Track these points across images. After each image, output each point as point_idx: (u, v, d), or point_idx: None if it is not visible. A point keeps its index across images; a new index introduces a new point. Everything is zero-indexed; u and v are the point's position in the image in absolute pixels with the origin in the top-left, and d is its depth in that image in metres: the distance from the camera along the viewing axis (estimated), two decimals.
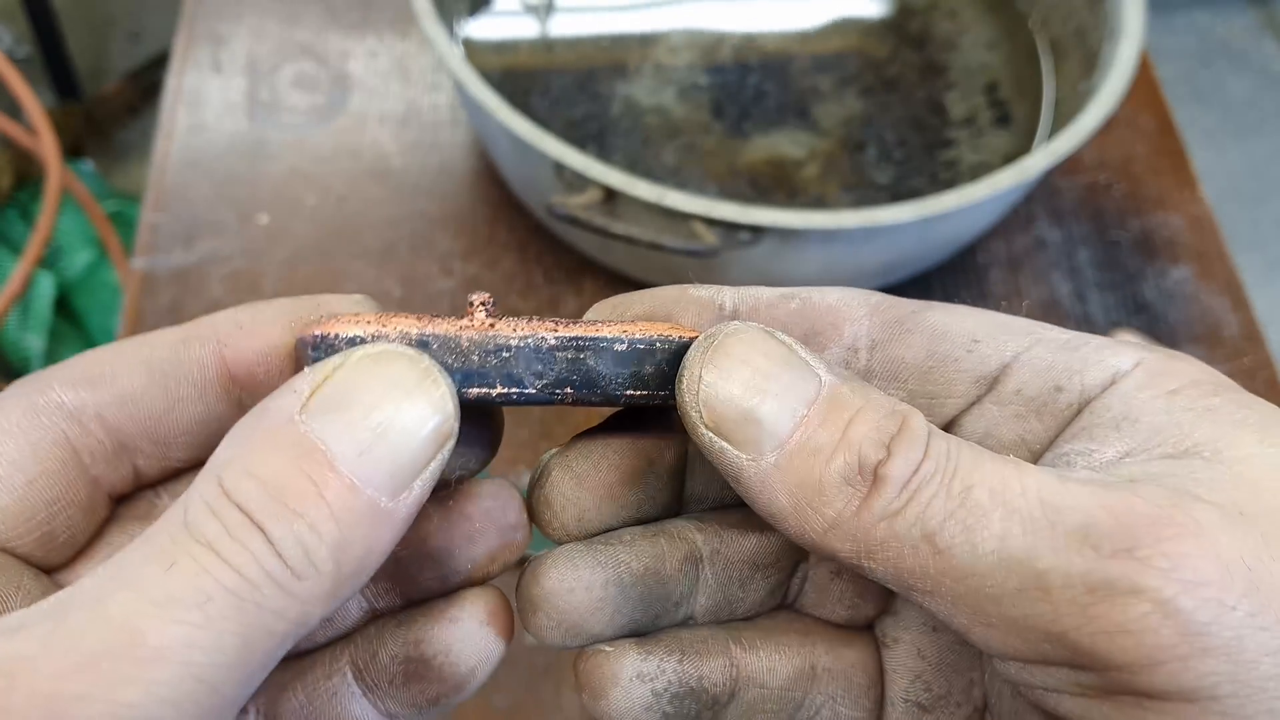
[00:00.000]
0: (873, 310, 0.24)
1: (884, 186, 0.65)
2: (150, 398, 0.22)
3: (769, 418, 0.20)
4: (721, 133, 0.66)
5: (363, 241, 0.66)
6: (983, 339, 0.23)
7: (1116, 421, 0.21)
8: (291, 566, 0.18)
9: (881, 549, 0.20)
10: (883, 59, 0.71)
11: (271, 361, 0.23)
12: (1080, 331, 0.23)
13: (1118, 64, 0.59)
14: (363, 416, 0.18)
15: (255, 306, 0.23)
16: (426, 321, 0.21)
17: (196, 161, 0.68)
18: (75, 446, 0.22)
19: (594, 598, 0.23)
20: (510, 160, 0.62)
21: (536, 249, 0.65)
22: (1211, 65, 1.79)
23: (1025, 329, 0.23)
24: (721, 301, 0.24)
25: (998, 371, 0.23)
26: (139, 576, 0.17)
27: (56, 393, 0.21)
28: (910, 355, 0.23)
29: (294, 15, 0.75)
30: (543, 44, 0.70)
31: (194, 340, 0.23)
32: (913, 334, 0.23)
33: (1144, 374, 0.22)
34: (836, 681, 0.25)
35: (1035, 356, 0.23)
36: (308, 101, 0.71)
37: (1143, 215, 0.69)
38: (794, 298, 0.24)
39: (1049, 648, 0.19)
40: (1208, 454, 0.20)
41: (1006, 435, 0.23)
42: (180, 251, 0.65)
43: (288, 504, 0.18)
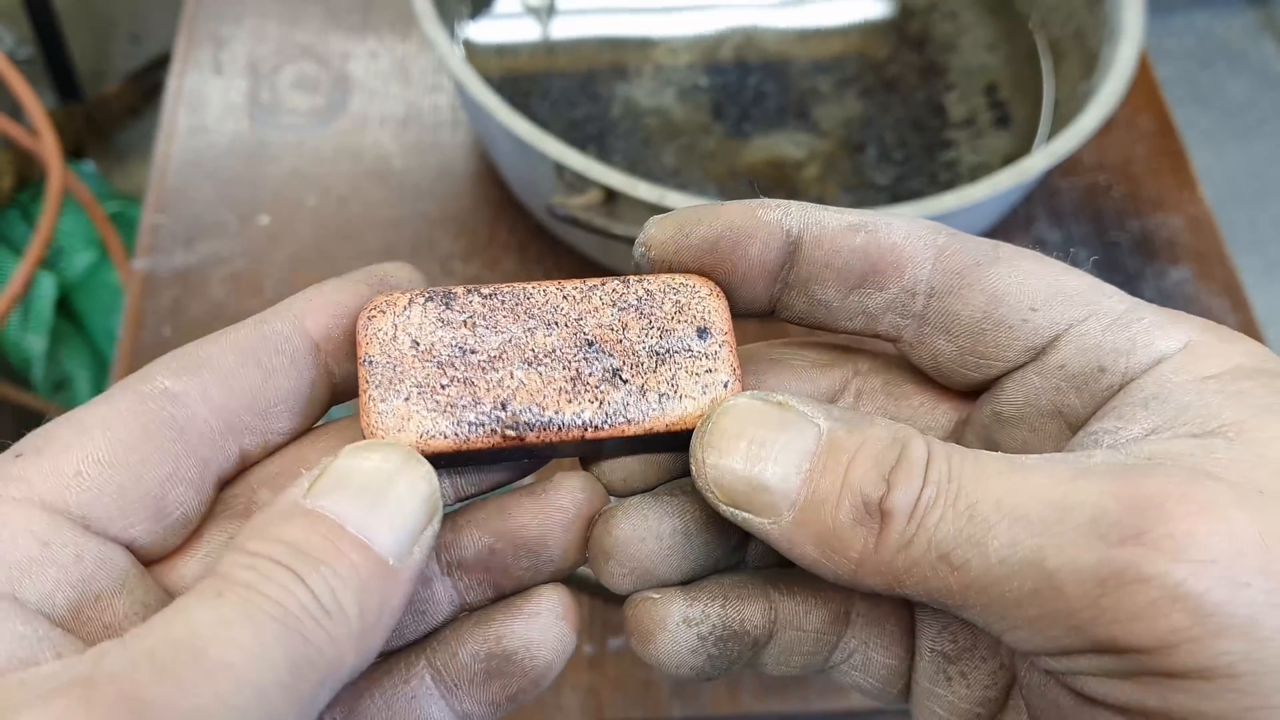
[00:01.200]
0: (938, 254, 0.24)
1: (884, 187, 0.65)
2: (246, 373, 0.23)
3: (775, 481, 0.22)
4: (722, 134, 0.66)
5: (364, 242, 0.66)
6: (1040, 307, 0.23)
7: (1146, 401, 0.22)
8: (322, 604, 0.19)
9: (907, 576, 0.21)
10: (883, 60, 0.71)
11: (347, 321, 0.24)
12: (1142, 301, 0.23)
13: (1117, 65, 0.59)
14: (359, 489, 0.20)
15: (321, 284, 0.25)
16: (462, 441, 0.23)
17: (197, 163, 0.69)
18: (183, 427, 0.22)
19: (663, 546, 0.25)
20: (511, 161, 0.62)
21: (537, 250, 0.66)
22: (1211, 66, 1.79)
23: (1085, 298, 0.23)
24: (789, 226, 0.24)
25: (1048, 342, 0.23)
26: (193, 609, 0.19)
27: (160, 380, 0.23)
28: (966, 313, 0.24)
29: (295, 17, 0.76)
30: (543, 46, 0.70)
31: (273, 318, 0.24)
32: (972, 290, 0.23)
33: (1185, 357, 0.22)
34: (870, 627, 0.26)
35: (1085, 332, 0.23)
36: (308, 103, 0.72)
37: (1142, 216, 0.69)
38: (860, 230, 0.24)
39: (1070, 640, 0.19)
40: (1231, 434, 0.20)
41: (1044, 406, 0.23)
42: (181, 252, 0.65)
43: (311, 555, 0.19)
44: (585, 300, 0.24)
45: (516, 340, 0.24)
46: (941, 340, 0.24)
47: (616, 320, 0.24)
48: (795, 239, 0.24)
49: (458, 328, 0.24)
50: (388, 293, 0.24)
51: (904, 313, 0.24)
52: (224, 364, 0.23)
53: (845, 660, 0.26)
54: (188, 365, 0.23)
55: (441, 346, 0.24)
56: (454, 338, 0.24)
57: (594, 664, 0.52)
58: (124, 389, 0.22)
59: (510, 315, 0.24)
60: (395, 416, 0.23)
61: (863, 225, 0.24)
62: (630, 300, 0.25)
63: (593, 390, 0.24)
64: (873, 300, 0.24)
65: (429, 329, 0.24)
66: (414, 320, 0.24)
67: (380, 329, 0.24)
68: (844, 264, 0.24)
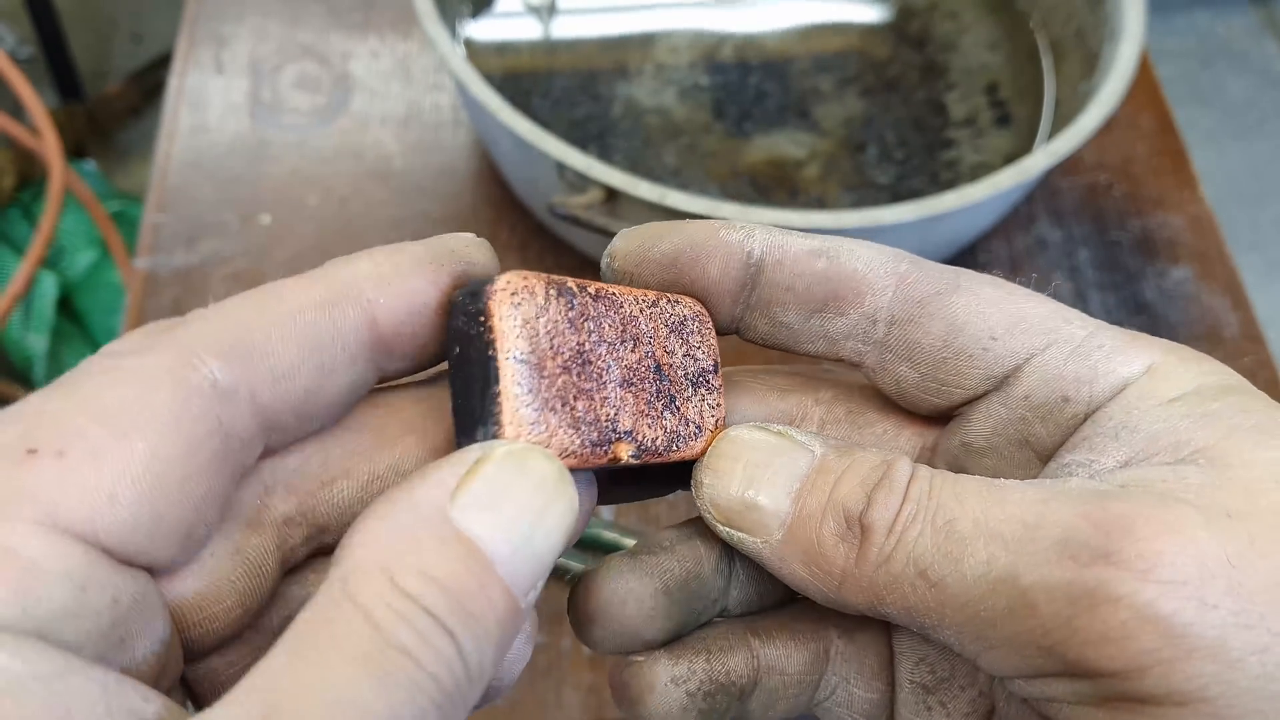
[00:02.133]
0: (899, 281, 0.24)
1: (885, 187, 0.65)
2: (304, 373, 0.20)
3: (768, 502, 0.23)
4: (722, 133, 0.66)
5: (365, 242, 0.66)
6: (1000, 336, 0.23)
7: (1116, 430, 0.22)
8: (471, 670, 0.18)
9: (888, 593, 0.21)
10: (883, 59, 0.71)
11: (420, 319, 0.21)
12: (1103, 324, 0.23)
13: (1118, 64, 0.59)
14: (513, 518, 0.18)
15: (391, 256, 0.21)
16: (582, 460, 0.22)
17: (199, 162, 0.69)
18: (227, 433, 0.19)
19: (646, 608, 0.25)
20: (512, 161, 0.62)
21: (538, 249, 0.66)
22: (1212, 66, 1.79)
23: (1045, 325, 0.23)
24: (750, 248, 0.24)
25: (1009, 372, 0.23)
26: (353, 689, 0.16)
27: (208, 368, 0.19)
28: (926, 341, 0.24)
29: (296, 16, 0.76)
30: (544, 45, 0.70)
31: (344, 303, 0.21)
32: (933, 319, 0.24)
33: (1150, 381, 0.22)
34: (849, 664, 0.26)
35: (1047, 362, 0.23)
36: (310, 102, 0.72)
37: (1143, 215, 0.69)
38: (822, 255, 0.24)
39: (1043, 662, 0.20)
40: (1203, 460, 0.21)
41: (1011, 435, 0.24)
42: (183, 252, 0.65)
43: (468, 609, 0.17)
44: (649, 318, 0.24)
45: (615, 354, 0.23)
46: (904, 367, 0.24)
47: (669, 342, 0.24)
48: (758, 261, 0.24)
49: (579, 332, 0.22)
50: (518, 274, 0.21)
51: (865, 339, 0.24)
52: (282, 359, 0.20)
53: (828, 698, 0.26)
54: (240, 350, 0.19)
55: (570, 351, 0.21)
56: (577, 343, 0.22)
57: (594, 663, 0.52)
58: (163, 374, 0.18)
59: (610, 325, 0.23)
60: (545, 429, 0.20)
61: (824, 251, 0.24)
62: (674, 322, 0.25)
63: (659, 416, 0.24)
64: (834, 325, 0.25)
65: (562, 330, 0.21)
66: (552, 318, 0.21)
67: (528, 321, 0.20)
68: (805, 288, 0.24)
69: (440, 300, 0.21)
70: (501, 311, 0.20)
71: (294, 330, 0.20)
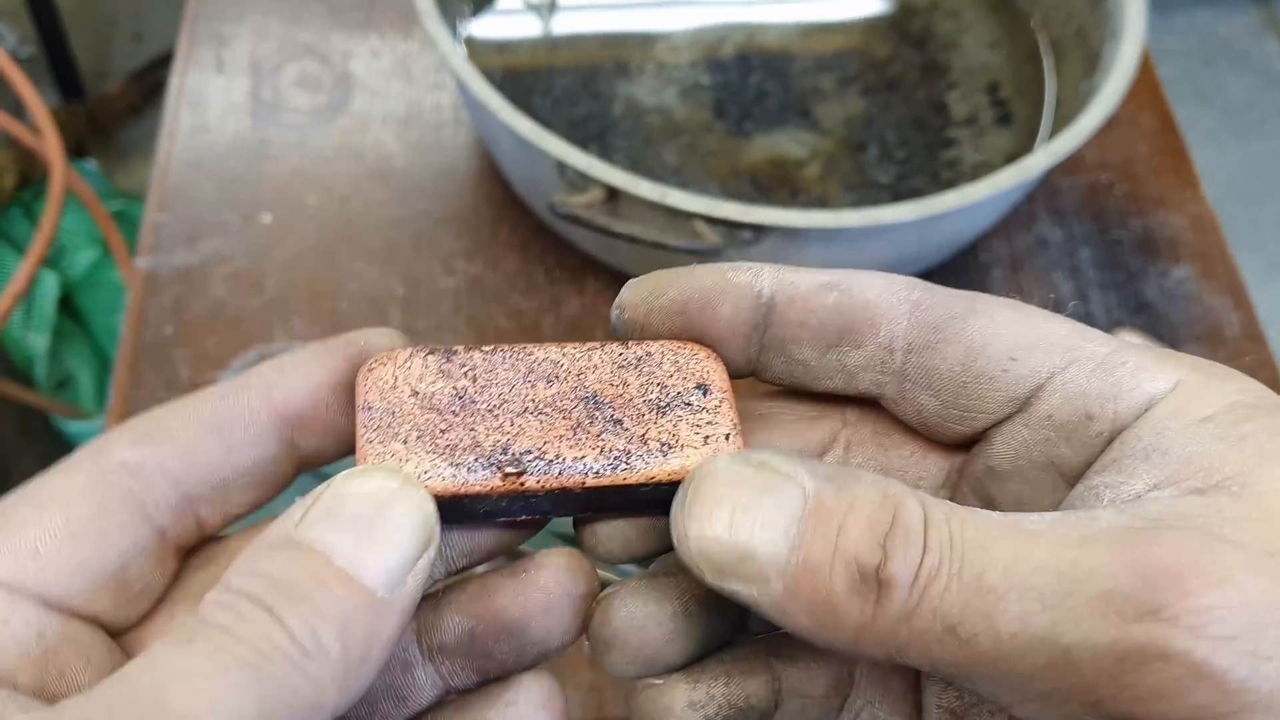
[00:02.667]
0: (913, 309, 0.24)
1: (885, 186, 0.65)
2: (207, 447, 0.23)
3: (762, 549, 0.20)
4: (723, 132, 0.66)
5: (365, 241, 0.66)
6: (1019, 357, 0.23)
7: (1146, 452, 0.21)
8: (300, 643, 0.18)
9: (910, 647, 0.20)
10: (884, 59, 0.71)
11: (317, 396, 0.24)
12: (1127, 343, 0.23)
13: (1119, 64, 0.59)
14: (350, 521, 0.20)
15: (294, 353, 0.25)
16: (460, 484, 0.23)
17: (199, 161, 0.69)
18: (141, 499, 0.22)
19: (664, 631, 0.24)
20: (513, 160, 0.62)
21: (539, 248, 0.66)
22: (1213, 65, 1.79)
23: (1065, 344, 0.23)
24: (760, 288, 0.24)
25: (1031, 392, 0.23)
26: (161, 658, 0.18)
27: (119, 452, 0.22)
28: (945, 367, 0.23)
29: (296, 15, 0.76)
30: (545, 43, 0.70)
31: (240, 390, 0.24)
32: (949, 344, 0.23)
33: (1179, 399, 0.21)
34: (874, 688, 0.25)
35: (1069, 380, 0.22)
36: (310, 101, 0.72)
37: (1144, 215, 0.69)
38: (833, 289, 0.24)
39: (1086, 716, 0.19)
40: (1236, 488, 0.20)
41: (1036, 458, 0.23)
42: (183, 251, 0.65)
43: (292, 591, 0.19)
44: (585, 358, 0.25)
45: (517, 391, 0.24)
46: (924, 396, 0.24)
47: (617, 376, 0.24)
48: (768, 300, 0.24)
49: (458, 379, 0.24)
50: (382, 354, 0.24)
51: (883, 369, 0.24)
52: (184, 436, 0.23)
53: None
54: (146, 436, 0.23)
55: (441, 395, 0.24)
56: (454, 388, 0.24)
57: (595, 662, 0.52)
58: (81, 462, 0.22)
59: (511, 369, 0.24)
60: (394, 459, 0.23)
61: (835, 284, 0.24)
62: (630, 360, 0.25)
63: (595, 438, 0.23)
64: (850, 358, 0.24)
65: (429, 379, 0.24)
66: (414, 371, 0.24)
67: (380, 378, 0.24)
68: (819, 323, 0.24)
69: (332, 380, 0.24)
70: (360, 377, 0.24)
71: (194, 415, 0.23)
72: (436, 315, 0.63)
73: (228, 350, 0.61)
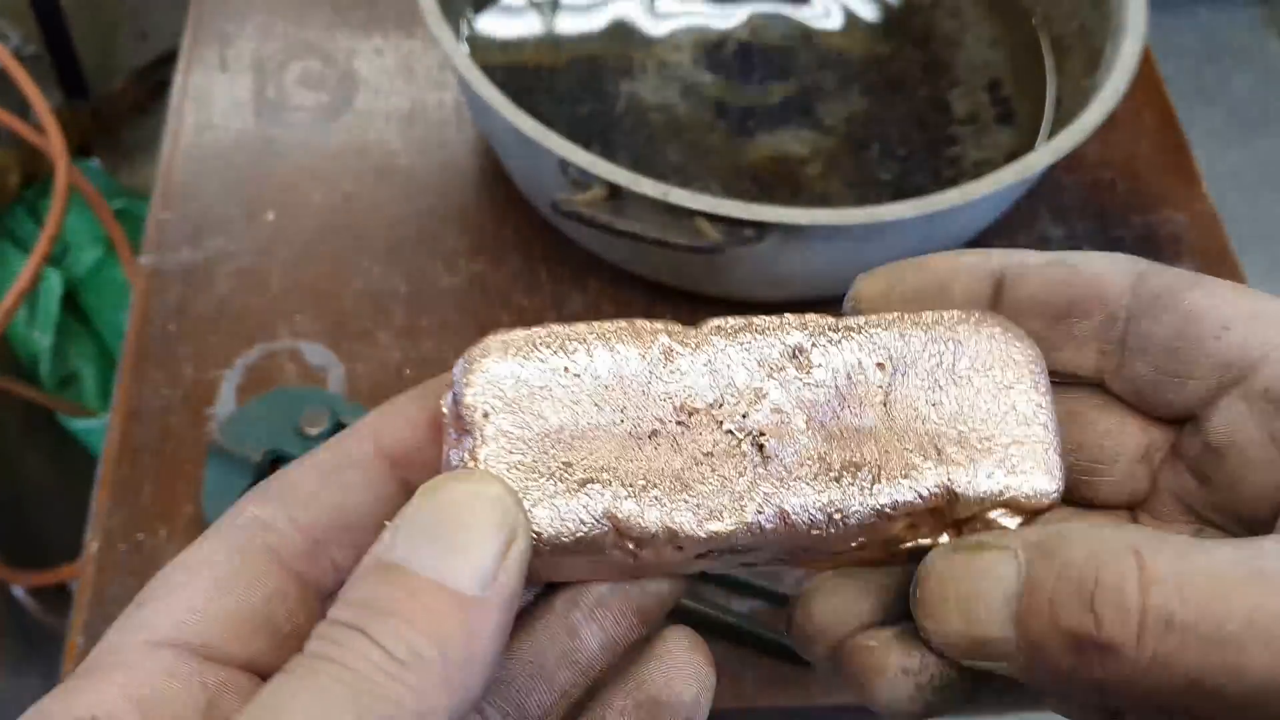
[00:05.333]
0: (1137, 280, 0.24)
1: (887, 184, 0.65)
2: (327, 493, 0.25)
3: (994, 633, 0.21)
4: (725, 131, 0.67)
5: (369, 239, 0.66)
6: (1233, 326, 0.23)
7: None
8: (394, 655, 0.19)
9: (1155, 699, 0.20)
10: (886, 57, 0.71)
11: (419, 433, 0.25)
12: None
13: (1120, 61, 0.59)
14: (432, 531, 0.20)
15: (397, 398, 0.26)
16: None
17: (203, 159, 0.69)
18: (275, 549, 0.24)
19: (864, 624, 0.25)
20: (515, 158, 0.62)
21: (542, 246, 0.66)
22: (1215, 62, 1.78)
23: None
24: (991, 268, 0.25)
25: (1244, 362, 0.23)
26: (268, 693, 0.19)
27: (250, 510, 0.24)
28: (1160, 332, 0.24)
29: (300, 14, 0.76)
30: (548, 41, 0.70)
31: (349, 437, 0.25)
32: (1167, 311, 0.24)
33: None
34: None
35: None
36: (314, 100, 0.72)
37: (1146, 213, 0.69)
38: (1061, 263, 0.25)
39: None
40: None
41: (1254, 433, 0.23)
42: (188, 249, 0.65)
43: (384, 611, 0.20)
44: None
45: None
46: (1139, 363, 0.24)
47: None
48: (998, 275, 0.25)
49: None
50: None
51: (1107, 339, 0.25)
52: (305, 487, 0.24)
53: None
54: (272, 493, 0.24)
55: None
56: None
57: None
58: (219, 526, 0.24)
59: None
60: None
61: (1063, 259, 0.25)
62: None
63: None
64: (1079, 329, 0.25)
65: None
66: None
67: None
68: (1049, 297, 0.25)
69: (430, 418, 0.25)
70: None
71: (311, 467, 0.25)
72: (439, 313, 0.63)
73: (232, 348, 0.61)
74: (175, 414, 0.59)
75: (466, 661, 0.20)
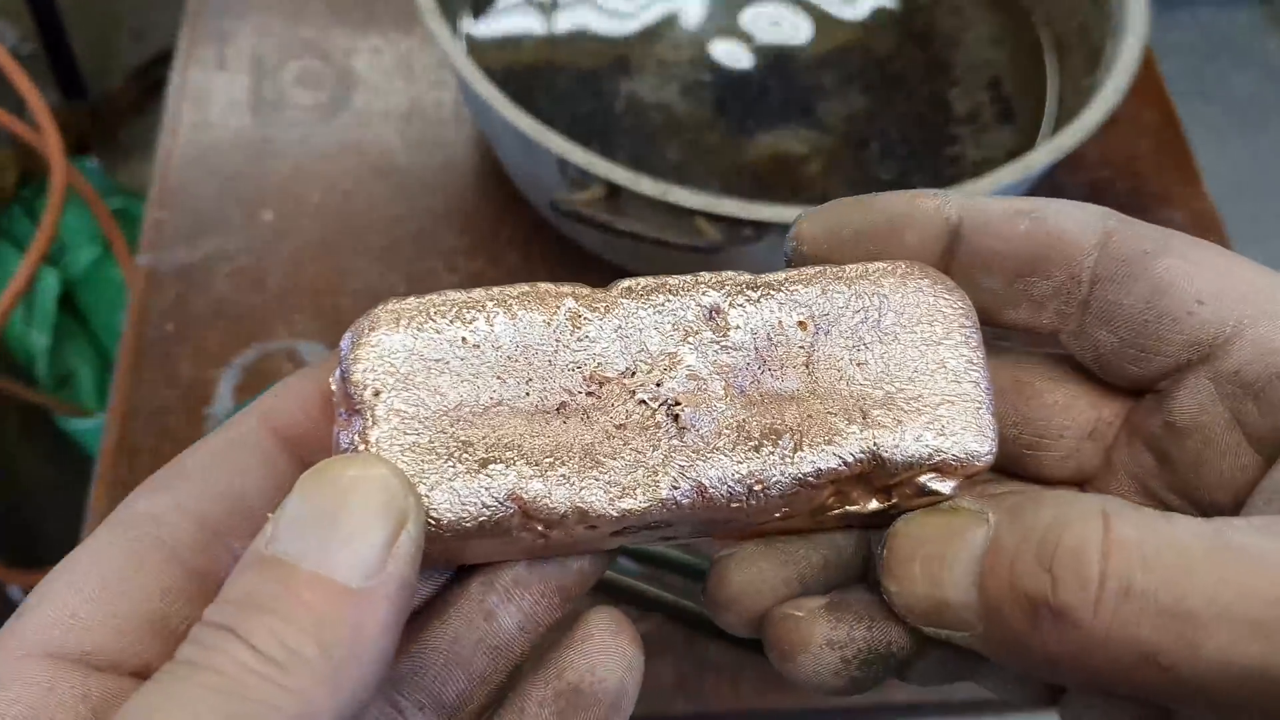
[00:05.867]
0: (1104, 239, 0.23)
1: (887, 183, 0.65)
2: (219, 479, 0.23)
3: (956, 596, 0.21)
4: (725, 130, 0.66)
5: (367, 238, 0.66)
6: (1207, 301, 0.22)
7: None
8: (268, 655, 0.18)
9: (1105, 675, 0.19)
10: (886, 55, 0.71)
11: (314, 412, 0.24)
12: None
13: (1121, 60, 0.59)
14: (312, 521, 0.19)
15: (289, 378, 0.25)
16: None
17: (201, 158, 0.69)
18: (167, 542, 0.22)
19: (779, 596, 0.24)
20: (514, 157, 0.62)
21: (540, 245, 0.66)
22: (1215, 61, 1.78)
23: (1262, 296, 0.22)
24: (947, 214, 0.23)
25: (1215, 340, 0.22)
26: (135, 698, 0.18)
27: (138, 504, 0.23)
28: (1128, 303, 0.22)
29: (298, 12, 0.76)
30: (546, 40, 0.70)
31: (240, 420, 0.24)
32: (1137, 280, 0.22)
33: None
34: None
35: (1259, 335, 0.21)
36: (312, 99, 0.72)
37: (1146, 211, 0.69)
38: (1025, 217, 0.23)
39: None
40: None
41: (1219, 415, 0.22)
42: (185, 248, 0.65)
43: (259, 609, 0.18)
44: None
45: None
46: (1103, 332, 0.23)
47: None
48: (955, 226, 0.23)
49: None
50: None
51: (1069, 301, 0.23)
52: (195, 475, 0.23)
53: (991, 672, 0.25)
54: (160, 483, 0.23)
55: None
56: None
57: None
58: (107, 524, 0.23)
59: None
60: None
61: (1028, 211, 0.23)
62: None
63: None
64: (1038, 288, 0.23)
65: None
66: None
67: None
68: (1009, 251, 0.23)
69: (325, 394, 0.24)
70: None
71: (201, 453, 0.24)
72: None
73: (229, 347, 0.61)
74: (172, 414, 0.59)
75: (352, 658, 0.18)
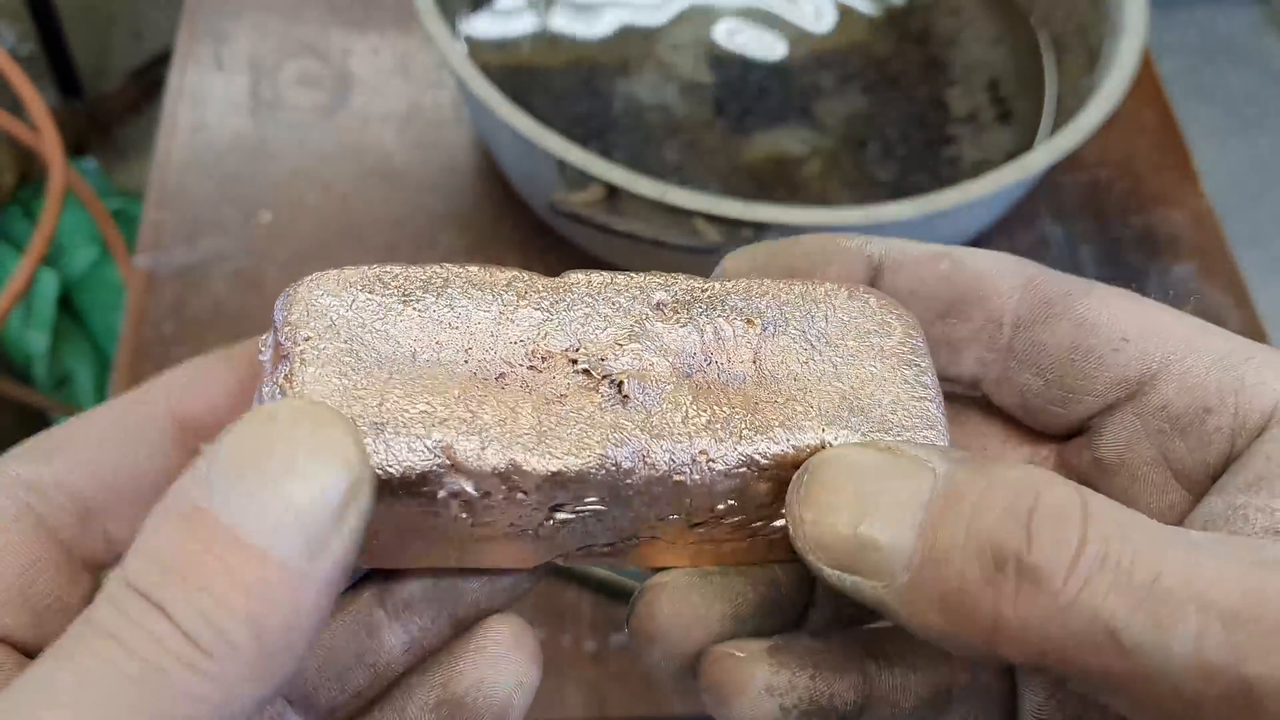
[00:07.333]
0: (1026, 283, 0.23)
1: (886, 184, 0.65)
2: (104, 459, 0.22)
3: (886, 537, 0.18)
4: (723, 130, 0.66)
5: (365, 239, 0.66)
6: (1132, 338, 0.21)
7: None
8: (200, 644, 0.16)
9: (1058, 650, 0.17)
10: (884, 56, 0.71)
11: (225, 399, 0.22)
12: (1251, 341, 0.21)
13: (1119, 60, 0.59)
14: (260, 480, 0.16)
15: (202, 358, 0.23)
16: None
17: (199, 159, 0.68)
18: (39, 513, 0.21)
19: (710, 633, 0.22)
20: (512, 158, 0.62)
21: (539, 246, 0.66)
22: (1214, 61, 1.78)
23: (1182, 334, 0.21)
24: (869, 252, 0.23)
25: (1142, 377, 0.21)
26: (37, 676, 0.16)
27: (12, 468, 0.21)
28: (1053, 342, 0.22)
29: (296, 12, 0.75)
30: (545, 41, 0.70)
31: (143, 398, 0.22)
32: (1060, 320, 0.22)
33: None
34: (969, 700, 0.23)
35: (1186, 370, 0.21)
36: (310, 99, 0.72)
37: (1145, 212, 0.69)
38: (944, 258, 0.23)
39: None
40: None
41: (1147, 452, 0.22)
42: (183, 249, 0.65)
43: (189, 580, 0.16)
44: None
45: None
46: (1028, 374, 0.22)
47: None
48: (877, 265, 0.23)
49: None
50: None
51: (990, 345, 0.23)
52: (81, 448, 0.22)
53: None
54: (43, 451, 0.22)
55: None
56: None
57: (597, 659, 0.52)
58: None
59: None
60: None
61: (947, 253, 0.23)
62: None
63: None
64: (957, 331, 0.23)
65: None
66: None
67: None
68: (929, 292, 0.23)
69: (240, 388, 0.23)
70: None
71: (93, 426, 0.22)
72: None
73: None
74: None
75: (283, 649, 0.16)
